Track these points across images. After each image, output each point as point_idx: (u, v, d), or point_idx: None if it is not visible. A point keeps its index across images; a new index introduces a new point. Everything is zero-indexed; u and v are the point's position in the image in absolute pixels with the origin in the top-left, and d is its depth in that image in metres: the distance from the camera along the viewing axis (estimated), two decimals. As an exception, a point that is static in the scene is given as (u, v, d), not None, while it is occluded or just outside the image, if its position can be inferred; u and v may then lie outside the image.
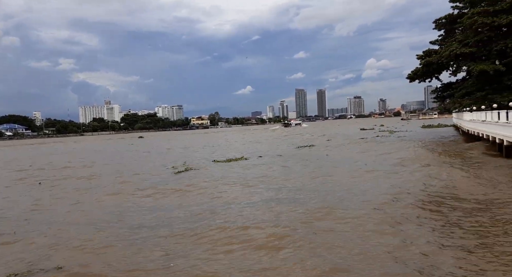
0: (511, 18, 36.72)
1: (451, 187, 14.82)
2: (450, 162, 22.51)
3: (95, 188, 19.73)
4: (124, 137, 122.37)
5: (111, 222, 12.36)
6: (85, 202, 16.08)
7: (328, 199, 13.92)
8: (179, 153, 42.56)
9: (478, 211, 11.22)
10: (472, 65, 40.17)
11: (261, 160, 28.58)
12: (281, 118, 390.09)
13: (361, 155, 29.36)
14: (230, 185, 18.13)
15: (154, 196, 16.64)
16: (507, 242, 8.63)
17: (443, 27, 48.95)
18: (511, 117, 23.89)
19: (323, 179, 18.65)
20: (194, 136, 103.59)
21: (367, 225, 10.38)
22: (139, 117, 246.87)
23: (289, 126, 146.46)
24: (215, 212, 12.89)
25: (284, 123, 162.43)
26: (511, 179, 15.84)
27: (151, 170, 26.05)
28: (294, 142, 49.75)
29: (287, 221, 11.01)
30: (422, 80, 50.10)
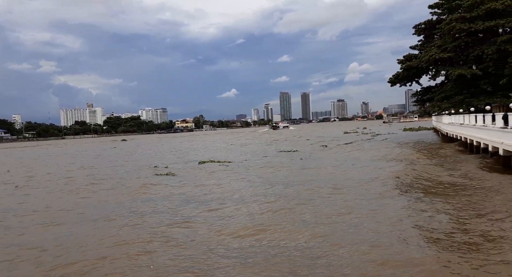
0: (486, 25, 38.04)
1: (422, 172, 19.79)
2: (427, 157, 26.09)
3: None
4: (104, 141, 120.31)
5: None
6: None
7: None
8: (166, 156, 42.28)
9: (443, 187, 15.99)
10: (450, 70, 41.39)
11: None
12: (266, 121, 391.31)
13: (356, 154, 32.22)
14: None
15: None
16: (456, 198, 13.54)
17: (423, 33, 50.26)
18: (486, 121, 24.75)
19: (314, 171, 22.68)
20: (183, 139, 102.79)
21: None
22: (123, 120, 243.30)
23: (277, 128, 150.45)
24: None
25: (273, 126, 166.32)
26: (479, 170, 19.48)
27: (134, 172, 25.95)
28: (294, 145, 48.99)
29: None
30: (403, 84, 51.30)
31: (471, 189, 14.96)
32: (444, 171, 20.26)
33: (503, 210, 11.48)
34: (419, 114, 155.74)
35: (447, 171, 20.22)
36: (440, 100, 44.33)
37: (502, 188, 14.59)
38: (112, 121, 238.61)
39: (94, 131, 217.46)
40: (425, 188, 15.88)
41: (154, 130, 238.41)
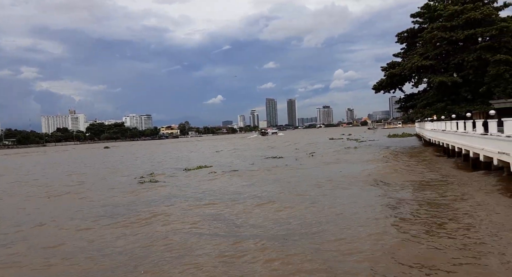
0: (466, 33, 38.98)
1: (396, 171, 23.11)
2: (408, 159, 29.62)
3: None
4: (86, 148, 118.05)
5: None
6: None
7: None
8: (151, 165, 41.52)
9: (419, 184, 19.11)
10: (432, 77, 42.17)
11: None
12: (252, 128, 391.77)
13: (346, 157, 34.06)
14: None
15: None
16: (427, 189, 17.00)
17: (405, 41, 51.17)
18: (467, 128, 25.12)
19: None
20: (169, 146, 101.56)
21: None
22: (106, 127, 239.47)
23: (266, 134, 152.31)
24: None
25: (261, 132, 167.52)
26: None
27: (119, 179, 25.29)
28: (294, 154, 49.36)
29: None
30: (387, 91, 52.06)
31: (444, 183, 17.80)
32: (424, 171, 22.84)
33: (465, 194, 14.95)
34: (403, 120, 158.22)
35: (426, 171, 22.79)
36: (422, 107, 45.04)
37: (470, 181, 17.64)
38: (95, 128, 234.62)
39: (76, 138, 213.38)
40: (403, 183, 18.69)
41: (139, 137, 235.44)
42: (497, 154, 17.29)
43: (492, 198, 13.92)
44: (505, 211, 12.04)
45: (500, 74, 36.30)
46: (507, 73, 36.10)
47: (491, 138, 18.77)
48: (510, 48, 37.88)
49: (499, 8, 42.34)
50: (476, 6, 39.57)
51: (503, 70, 36.06)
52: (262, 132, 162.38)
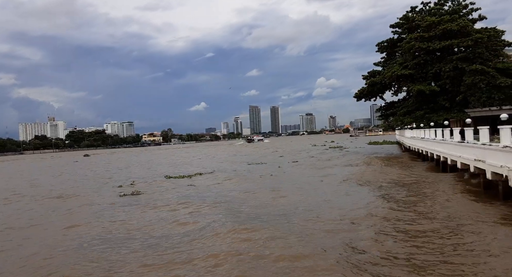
0: (443, 44, 40.19)
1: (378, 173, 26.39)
2: (387, 163, 33.15)
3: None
4: (64, 156, 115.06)
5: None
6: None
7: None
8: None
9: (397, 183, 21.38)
10: (411, 86, 43.18)
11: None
12: (235, 135, 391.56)
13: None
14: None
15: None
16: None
17: (385, 50, 52.38)
18: (445, 136, 25.77)
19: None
20: (151, 153, 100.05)
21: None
22: (86, 134, 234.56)
23: (252, 142, 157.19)
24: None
25: (248, 139, 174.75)
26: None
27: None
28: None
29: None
30: (368, 99, 53.04)
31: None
32: (400, 173, 25.82)
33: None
34: (384, 128, 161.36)
35: (402, 173, 25.78)
36: (402, 115, 45.97)
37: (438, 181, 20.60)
38: (75, 135, 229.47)
39: (55, 146, 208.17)
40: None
41: (120, 144, 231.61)
42: (473, 161, 17.75)
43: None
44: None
45: (476, 83, 37.46)
46: (482, 82, 37.28)
47: (467, 146, 19.27)
48: (484, 58, 39.20)
49: (474, 20, 43.92)
50: (452, 18, 40.90)
51: (478, 79, 37.22)
52: (249, 140, 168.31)
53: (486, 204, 14.49)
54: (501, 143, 14.80)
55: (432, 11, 46.30)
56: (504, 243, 9.67)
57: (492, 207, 14.02)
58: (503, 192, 14.99)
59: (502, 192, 15.05)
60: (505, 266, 8.18)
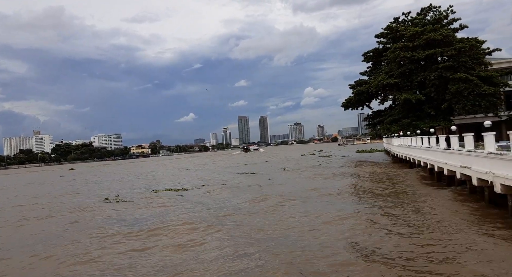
0: (427, 53, 41.03)
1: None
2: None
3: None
4: (48, 170, 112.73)
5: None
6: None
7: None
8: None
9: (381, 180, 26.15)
10: (397, 95, 43.85)
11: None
12: (224, 145, 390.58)
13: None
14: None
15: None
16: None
17: (371, 60, 53.23)
18: (432, 143, 26.11)
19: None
20: (137, 165, 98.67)
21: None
22: (73, 147, 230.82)
23: (248, 151, 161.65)
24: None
25: (244, 149, 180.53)
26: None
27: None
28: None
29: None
30: (355, 107, 53.68)
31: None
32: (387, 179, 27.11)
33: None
34: (371, 136, 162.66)
35: (389, 180, 26.77)
36: (389, 123, 46.53)
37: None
38: (61, 148, 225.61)
39: (41, 160, 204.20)
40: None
41: (108, 157, 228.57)
42: (459, 167, 17.97)
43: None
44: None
45: (460, 91, 38.22)
46: (466, 90, 38.06)
47: (453, 153, 19.53)
48: (468, 67, 40.11)
49: (455, 30, 45.07)
50: (435, 28, 41.89)
51: (463, 87, 37.99)
52: (245, 149, 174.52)
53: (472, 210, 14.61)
54: (486, 149, 15.02)
55: (414, 21, 47.39)
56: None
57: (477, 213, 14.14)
58: (488, 197, 15.19)
59: (488, 197, 15.24)
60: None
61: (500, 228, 11.90)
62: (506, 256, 9.23)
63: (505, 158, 12.84)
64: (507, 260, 8.94)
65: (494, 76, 39.84)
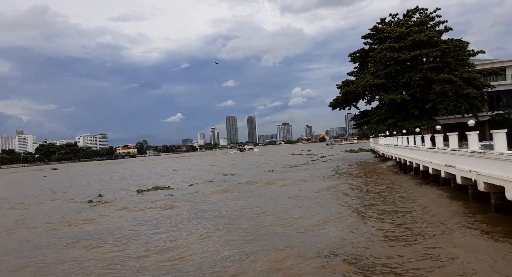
0: (412, 54, 41.60)
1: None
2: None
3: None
4: (30, 170, 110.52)
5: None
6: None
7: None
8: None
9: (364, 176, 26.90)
10: (383, 95, 44.36)
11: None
12: (212, 145, 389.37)
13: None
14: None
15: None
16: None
17: (358, 60, 53.71)
18: (417, 142, 26.47)
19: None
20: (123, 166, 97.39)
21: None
22: (57, 147, 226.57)
23: (244, 150, 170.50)
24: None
25: (240, 148, 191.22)
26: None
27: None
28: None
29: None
30: (343, 108, 54.09)
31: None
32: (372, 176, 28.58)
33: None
34: (359, 136, 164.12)
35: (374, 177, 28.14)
36: (376, 123, 47.04)
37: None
38: (45, 148, 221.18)
39: (24, 160, 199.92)
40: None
41: (93, 157, 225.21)
42: (444, 166, 18.24)
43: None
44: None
45: (444, 92, 38.87)
46: (450, 91, 38.72)
47: (438, 152, 19.82)
48: (452, 68, 40.82)
49: (440, 32, 45.82)
50: (421, 29, 42.51)
51: (447, 88, 38.65)
52: (240, 149, 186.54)
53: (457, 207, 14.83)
54: (469, 148, 15.28)
55: (400, 22, 48.00)
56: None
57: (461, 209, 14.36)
58: (472, 195, 15.45)
59: (472, 195, 15.51)
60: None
61: (480, 221, 12.15)
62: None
63: (488, 157, 13.06)
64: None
65: (477, 77, 40.60)
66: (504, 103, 45.18)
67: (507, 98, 45.90)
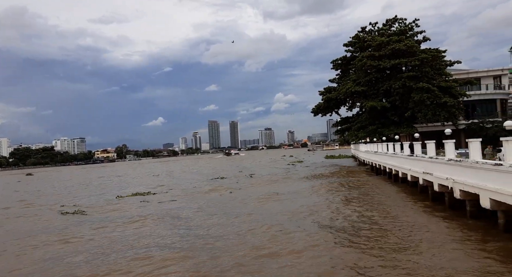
0: (392, 63, 42.49)
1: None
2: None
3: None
4: (2, 175, 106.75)
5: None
6: None
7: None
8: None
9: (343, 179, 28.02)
10: (364, 102, 45.07)
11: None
12: (194, 150, 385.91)
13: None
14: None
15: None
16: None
17: (340, 67, 54.51)
18: (396, 149, 26.95)
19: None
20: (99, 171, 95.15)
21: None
22: (33, 151, 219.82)
23: (230, 155, 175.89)
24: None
25: (226, 153, 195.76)
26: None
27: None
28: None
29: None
30: (324, 114, 54.69)
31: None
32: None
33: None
34: (340, 142, 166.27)
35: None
36: (357, 130, 47.68)
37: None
38: (20, 153, 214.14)
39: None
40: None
41: (70, 161, 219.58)
42: (422, 173, 18.60)
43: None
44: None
45: (423, 100, 39.80)
46: (428, 100, 39.68)
47: (416, 159, 20.22)
48: (430, 77, 41.90)
49: (419, 41, 47.08)
50: (400, 39, 43.54)
51: (425, 97, 39.58)
52: (227, 153, 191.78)
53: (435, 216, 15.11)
54: (446, 156, 15.64)
55: (380, 31, 49.09)
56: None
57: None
58: (449, 203, 15.79)
59: (448, 203, 15.84)
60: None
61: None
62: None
63: (464, 165, 13.40)
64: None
65: (453, 86, 41.78)
66: (478, 112, 46.70)
67: (482, 108, 47.50)
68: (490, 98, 47.55)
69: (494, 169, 11.23)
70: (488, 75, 49.80)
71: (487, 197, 11.59)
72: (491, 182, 11.41)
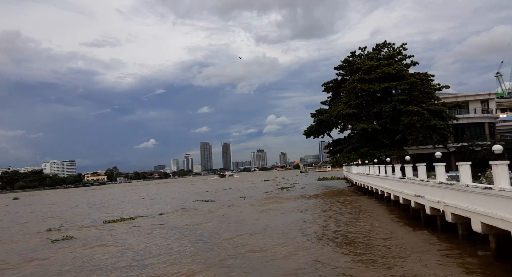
0: (382, 86, 43.28)
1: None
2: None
3: None
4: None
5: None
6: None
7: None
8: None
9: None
10: (355, 124, 45.51)
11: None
12: (186, 172, 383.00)
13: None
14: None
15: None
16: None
17: (331, 90, 55.39)
18: (388, 172, 27.07)
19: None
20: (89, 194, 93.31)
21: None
22: (21, 174, 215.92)
23: (224, 176, 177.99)
24: None
25: (220, 174, 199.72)
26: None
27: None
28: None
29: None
30: (316, 136, 55.03)
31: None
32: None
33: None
34: (332, 164, 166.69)
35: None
36: (348, 152, 47.88)
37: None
38: (8, 176, 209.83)
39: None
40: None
41: (60, 184, 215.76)
42: (413, 196, 18.63)
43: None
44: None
45: (412, 123, 40.34)
46: (418, 123, 40.23)
47: (408, 182, 20.28)
48: (419, 100, 42.67)
49: (408, 65, 48.26)
50: (389, 63, 44.60)
51: (415, 120, 40.12)
52: (221, 175, 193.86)
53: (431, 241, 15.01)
54: (437, 179, 15.73)
55: (370, 55, 50.30)
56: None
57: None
58: (441, 226, 15.74)
59: (440, 226, 15.79)
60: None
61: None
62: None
63: (455, 188, 13.48)
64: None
65: (443, 110, 42.53)
66: (467, 135, 47.43)
67: (471, 131, 48.30)
68: (478, 122, 48.49)
69: (484, 192, 11.31)
70: (476, 99, 50.96)
71: (478, 221, 11.61)
72: (482, 206, 11.47)
